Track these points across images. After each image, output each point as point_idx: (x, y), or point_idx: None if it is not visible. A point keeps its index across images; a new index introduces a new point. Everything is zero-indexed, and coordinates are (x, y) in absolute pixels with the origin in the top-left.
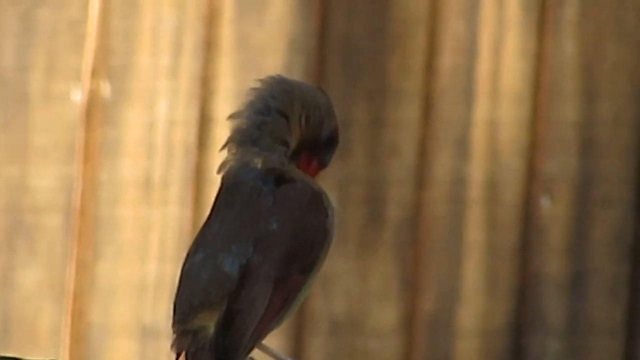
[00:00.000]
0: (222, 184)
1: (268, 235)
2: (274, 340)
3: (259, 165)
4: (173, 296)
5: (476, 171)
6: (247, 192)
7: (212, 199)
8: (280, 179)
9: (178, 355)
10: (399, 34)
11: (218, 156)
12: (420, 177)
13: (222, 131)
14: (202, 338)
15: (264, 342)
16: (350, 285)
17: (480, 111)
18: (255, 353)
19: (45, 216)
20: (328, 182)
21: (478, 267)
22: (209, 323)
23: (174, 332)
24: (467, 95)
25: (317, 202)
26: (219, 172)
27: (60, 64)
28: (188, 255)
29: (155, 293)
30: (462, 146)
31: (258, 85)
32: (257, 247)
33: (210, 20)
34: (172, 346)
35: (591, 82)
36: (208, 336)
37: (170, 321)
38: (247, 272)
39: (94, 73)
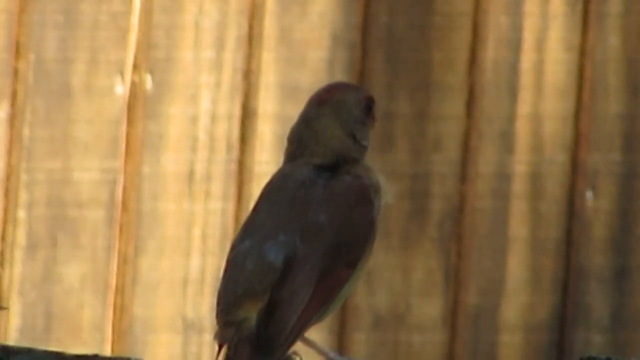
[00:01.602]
0: (277, 173)
1: (315, 227)
2: (317, 334)
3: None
4: (215, 290)
5: (520, 165)
6: (298, 182)
7: (255, 193)
8: (333, 172)
9: (220, 346)
10: (442, 28)
11: (260, 150)
12: (464, 171)
13: (264, 125)
14: (245, 329)
15: (307, 335)
16: (394, 279)
17: (524, 105)
18: (299, 347)
19: (87, 210)
20: None
21: (522, 262)
22: (252, 314)
23: (217, 323)
24: (511, 89)
25: (364, 196)
26: None
27: (102, 58)
28: (234, 244)
29: (198, 287)
30: (506, 140)
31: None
32: (303, 238)
33: (253, 13)
34: (215, 337)
35: (635, 76)
36: (251, 327)
37: (214, 312)
38: (292, 262)
39: (137, 67)
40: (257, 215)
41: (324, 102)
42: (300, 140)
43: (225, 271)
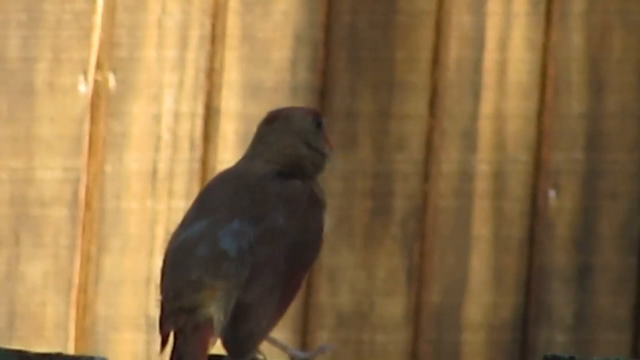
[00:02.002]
0: (234, 166)
1: (276, 229)
2: (280, 334)
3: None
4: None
5: (483, 164)
6: (256, 177)
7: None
8: (281, 175)
9: (167, 334)
10: (405, 27)
11: (223, 149)
12: (427, 170)
13: (227, 124)
14: (201, 315)
15: (270, 334)
16: (357, 278)
17: (487, 104)
18: (264, 346)
19: (50, 209)
20: (334, 174)
21: (485, 261)
22: (209, 302)
23: (164, 310)
24: (474, 88)
25: (315, 199)
26: None
27: (65, 56)
28: (178, 230)
29: None
30: (469, 139)
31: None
32: (264, 239)
33: (216, 13)
34: (162, 324)
35: (598, 75)
36: (208, 315)
37: (159, 299)
38: (256, 265)
39: (100, 65)
40: (209, 200)
41: (273, 118)
42: (255, 152)
43: (172, 256)
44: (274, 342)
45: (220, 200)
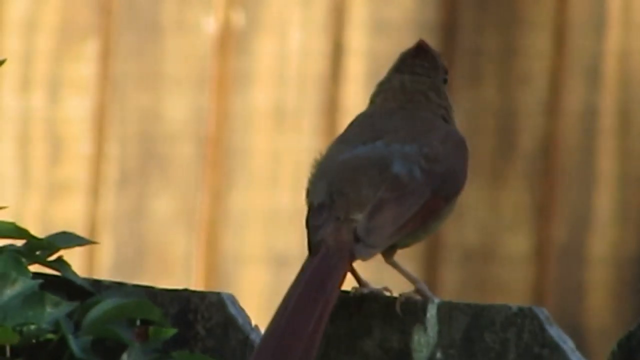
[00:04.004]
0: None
1: (435, 151)
2: (407, 267)
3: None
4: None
5: (608, 101)
6: (420, 115)
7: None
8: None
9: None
10: None
11: (350, 86)
12: (552, 107)
13: (355, 62)
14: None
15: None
16: (482, 214)
17: (612, 41)
18: (391, 277)
19: (178, 145)
20: (458, 111)
21: (610, 197)
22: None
23: (317, 219)
24: (599, 26)
25: (464, 146)
26: None
27: None
28: (337, 148)
29: (288, 222)
30: (594, 76)
31: None
32: (428, 158)
33: None
34: (313, 233)
35: None
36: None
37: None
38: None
39: (227, 3)
40: (374, 124)
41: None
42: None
43: (340, 169)
44: (404, 273)
45: (387, 125)
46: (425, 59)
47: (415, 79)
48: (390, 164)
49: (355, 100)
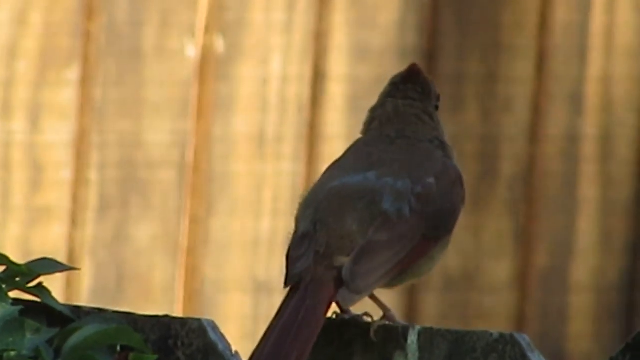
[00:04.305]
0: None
1: (427, 188)
2: (388, 294)
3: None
4: (285, 251)
5: (590, 127)
6: (416, 145)
7: (325, 154)
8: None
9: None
10: None
11: (331, 112)
12: (534, 133)
13: (335, 87)
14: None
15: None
16: (464, 240)
17: (594, 67)
18: (372, 303)
19: (159, 171)
20: None
21: (592, 223)
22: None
23: (300, 248)
24: (581, 51)
25: (460, 182)
26: None
27: (174, 20)
28: (331, 174)
29: (269, 248)
30: (576, 102)
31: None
32: (419, 196)
33: None
34: (293, 262)
35: None
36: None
37: (308, 227)
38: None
39: (208, 28)
40: (371, 154)
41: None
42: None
43: (328, 199)
44: (376, 300)
45: (383, 156)
46: (418, 83)
47: (409, 103)
48: (380, 200)
49: (335, 126)
